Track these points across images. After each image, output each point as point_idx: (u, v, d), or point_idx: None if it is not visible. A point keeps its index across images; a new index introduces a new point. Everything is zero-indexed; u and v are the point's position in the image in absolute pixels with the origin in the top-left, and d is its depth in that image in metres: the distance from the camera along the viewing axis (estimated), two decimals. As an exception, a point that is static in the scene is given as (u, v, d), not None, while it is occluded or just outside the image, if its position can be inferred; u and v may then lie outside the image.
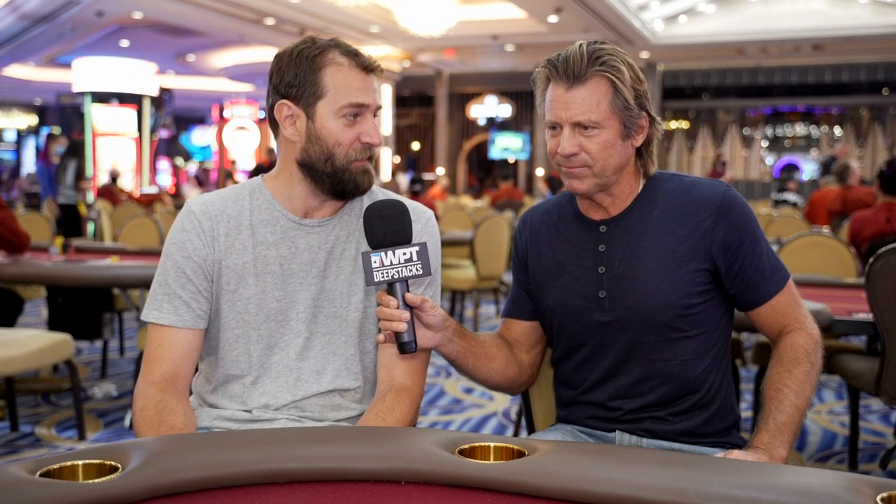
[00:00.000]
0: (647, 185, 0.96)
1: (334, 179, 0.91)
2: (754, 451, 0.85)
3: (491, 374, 0.98)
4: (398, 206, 0.86)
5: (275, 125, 0.93)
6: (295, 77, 0.90)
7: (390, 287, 0.85)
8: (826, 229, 3.90)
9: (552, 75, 0.91)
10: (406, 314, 0.84)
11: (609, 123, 0.90)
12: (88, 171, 7.30)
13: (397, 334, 0.85)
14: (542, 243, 0.99)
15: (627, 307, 0.92)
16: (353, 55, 0.91)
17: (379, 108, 0.93)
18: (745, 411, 2.56)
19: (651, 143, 0.95)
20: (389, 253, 0.83)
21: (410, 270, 0.83)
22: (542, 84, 0.93)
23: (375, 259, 0.83)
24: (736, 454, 0.84)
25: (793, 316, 0.94)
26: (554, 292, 0.97)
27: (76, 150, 6.00)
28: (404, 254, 0.83)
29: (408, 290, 0.85)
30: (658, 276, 0.91)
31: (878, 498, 0.57)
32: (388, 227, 0.85)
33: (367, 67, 0.91)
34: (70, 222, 5.68)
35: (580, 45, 0.91)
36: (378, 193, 0.99)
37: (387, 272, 0.83)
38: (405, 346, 0.85)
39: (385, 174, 11.50)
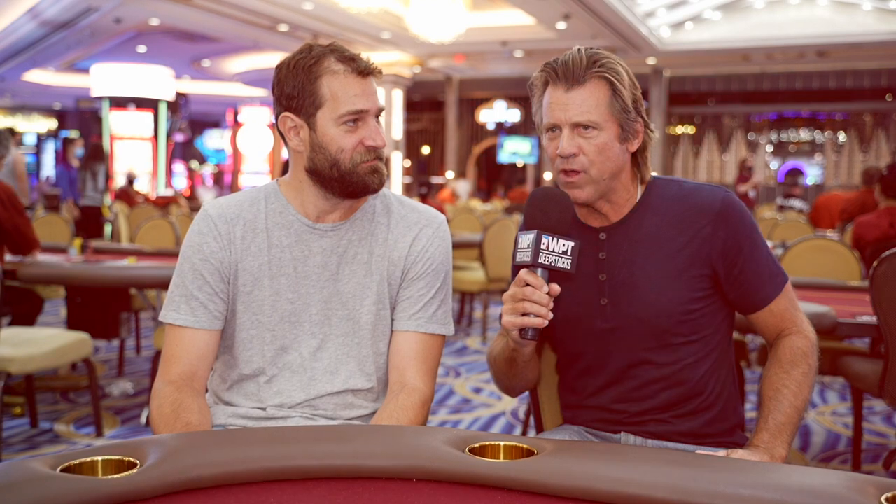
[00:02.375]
0: (646, 191, 0.96)
1: (343, 183, 0.92)
2: (755, 450, 0.85)
3: (531, 377, 1.01)
4: (570, 199, 0.88)
5: (283, 135, 0.95)
6: (294, 88, 0.91)
7: (531, 270, 0.84)
8: (831, 233, 3.88)
9: (551, 78, 0.91)
10: (551, 304, 0.84)
11: (607, 125, 0.90)
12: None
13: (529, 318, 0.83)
14: None
15: (628, 314, 0.92)
16: (349, 60, 0.91)
17: (380, 110, 0.93)
18: (750, 412, 2.56)
19: (646, 148, 0.95)
20: (555, 240, 0.84)
21: (563, 263, 0.84)
22: (539, 89, 0.94)
23: (545, 241, 0.83)
24: (739, 454, 0.84)
25: (791, 319, 0.94)
26: (557, 301, 0.92)
27: (103, 154, 6.12)
28: (563, 245, 0.84)
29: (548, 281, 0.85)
30: (658, 283, 0.91)
31: (883, 498, 0.57)
32: (561, 216, 0.85)
33: (363, 71, 0.91)
34: (93, 224, 5.81)
35: (578, 50, 0.92)
36: (389, 196, 1.01)
37: (547, 257, 0.83)
38: (530, 332, 0.84)
39: (395, 177, 11.57)
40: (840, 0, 9.20)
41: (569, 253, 0.84)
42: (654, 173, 0.99)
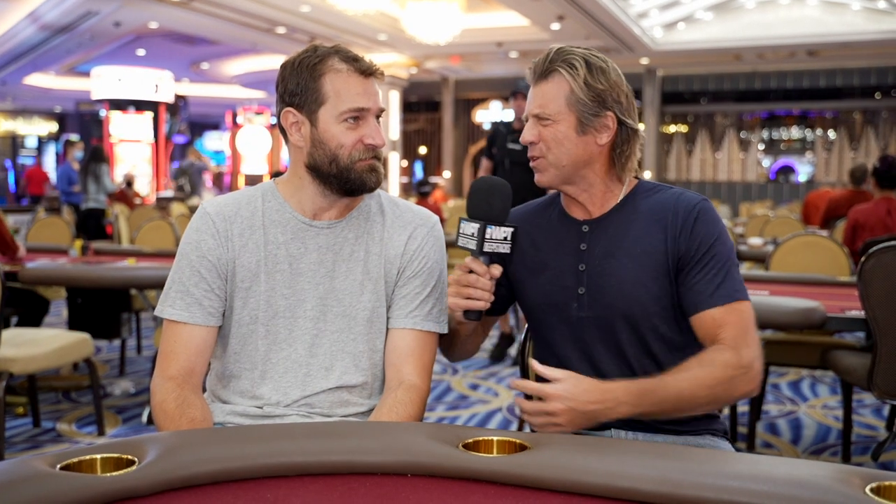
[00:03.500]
0: (631, 192, 0.99)
1: (341, 179, 0.94)
2: (602, 392, 0.83)
3: (470, 348, 1.05)
4: (508, 188, 0.92)
5: (284, 132, 0.96)
6: (297, 85, 0.92)
7: (473, 256, 0.90)
8: (820, 230, 3.91)
9: (530, 75, 0.98)
10: (492, 286, 0.91)
11: (562, 117, 0.94)
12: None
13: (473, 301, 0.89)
14: (524, 241, 1.02)
15: (605, 304, 0.95)
16: (353, 60, 0.93)
17: (381, 110, 0.95)
18: (742, 405, 2.58)
19: (624, 145, 0.96)
20: (496, 228, 0.89)
21: (504, 248, 0.90)
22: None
23: (490, 231, 0.89)
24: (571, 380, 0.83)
25: (731, 336, 0.90)
26: (537, 289, 1.00)
27: (104, 156, 6.15)
28: (504, 232, 0.90)
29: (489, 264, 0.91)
30: (633, 276, 0.94)
31: (867, 488, 0.58)
32: (504, 205, 0.90)
33: (366, 71, 0.93)
34: (97, 226, 5.84)
35: (551, 48, 0.97)
36: (382, 196, 1.02)
37: (491, 245, 0.89)
38: (473, 314, 0.91)
39: (393, 177, 11.60)
40: (829, 0, 9.26)
41: (509, 238, 0.90)
42: (644, 175, 1.01)
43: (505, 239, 0.90)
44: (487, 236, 0.89)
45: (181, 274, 0.96)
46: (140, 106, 10.44)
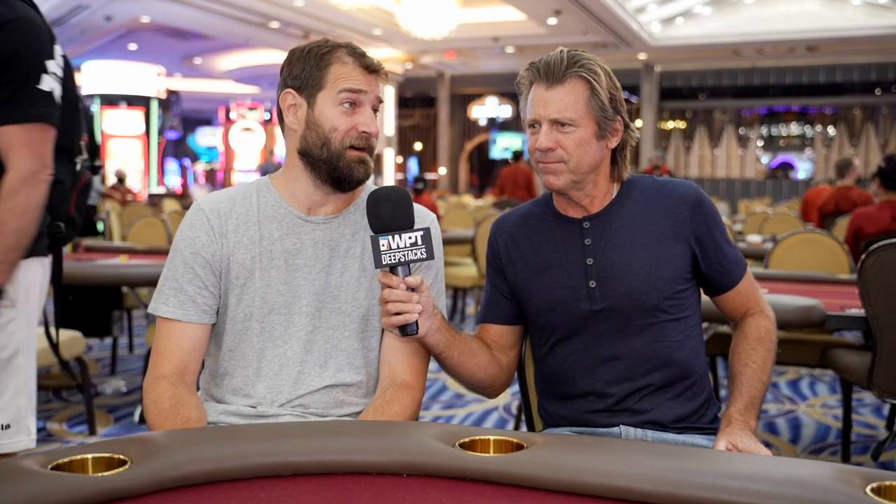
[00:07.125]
0: (624, 186, 1.01)
1: (330, 165, 0.93)
2: (736, 423, 0.91)
3: (474, 369, 0.98)
4: (403, 192, 0.88)
5: (281, 115, 0.96)
6: (302, 70, 0.93)
7: (392, 270, 0.85)
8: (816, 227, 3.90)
9: (534, 77, 0.96)
10: (416, 297, 0.85)
11: (584, 122, 0.94)
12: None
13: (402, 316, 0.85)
14: (522, 245, 1.02)
15: (620, 293, 0.96)
16: (360, 56, 0.94)
17: (379, 101, 0.96)
18: None
19: (625, 147, 0.99)
20: (396, 237, 0.84)
21: (416, 254, 0.85)
22: (525, 88, 0.98)
23: (384, 242, 0.84)
24: (724, 432, 0.89)
25: (755, 300, 1.03)
26: (541, 289, 1.00)
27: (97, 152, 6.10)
28: (409, 238, 0.85)
29: (409, 274, 0.86)
30: (647, 261, 0.96)
31: (868, 488, 0.57)
32: (395, 212, 0.86)
33: (370, 67, 0.94)
34: (89, 223, 5.79)
35: (560, 51, 0.96)
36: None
37: (394, 255, 0.84)
38: (408, 329, 0.86)
39: (388, 174, 11.57)
40: (829, -5, 9.33)
41: (419, 242, 0.85)
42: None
43: (414, 244, 0.85)
44: (383, 248, 0.84)
45: (175, 271, 0.95)
46: (131, 101, 10.38)
